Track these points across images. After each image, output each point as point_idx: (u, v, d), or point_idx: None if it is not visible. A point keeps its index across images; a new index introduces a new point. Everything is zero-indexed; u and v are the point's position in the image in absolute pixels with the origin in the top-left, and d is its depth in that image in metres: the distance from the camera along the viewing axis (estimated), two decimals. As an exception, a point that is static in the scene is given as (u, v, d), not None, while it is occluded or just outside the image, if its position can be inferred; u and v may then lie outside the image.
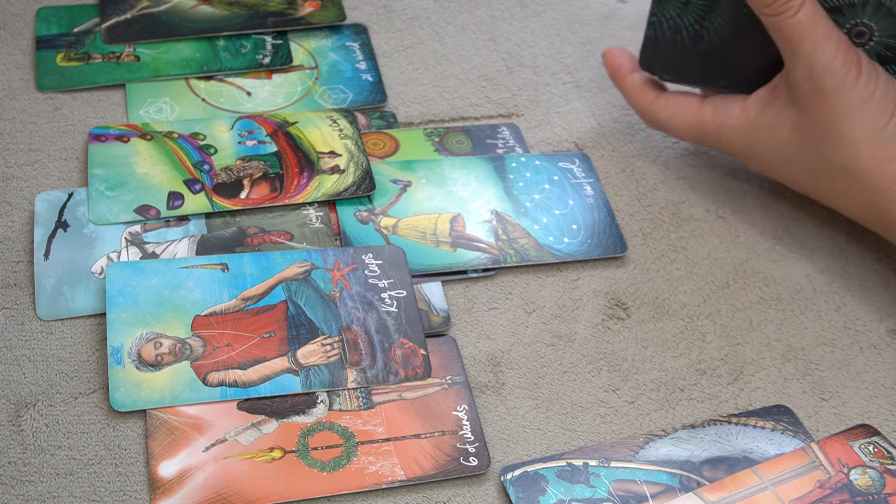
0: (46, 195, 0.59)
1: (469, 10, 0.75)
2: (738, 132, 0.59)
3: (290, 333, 0.54)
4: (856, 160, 0.54)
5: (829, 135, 0.54)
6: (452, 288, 0.58)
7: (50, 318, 0.54)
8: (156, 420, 0.50)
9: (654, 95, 0.62)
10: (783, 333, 0.58)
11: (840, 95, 0.53)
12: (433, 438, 0.51)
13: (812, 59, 0.54)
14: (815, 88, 0.54)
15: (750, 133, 0.58)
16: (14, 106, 0.64)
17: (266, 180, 0.60)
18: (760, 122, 0.58)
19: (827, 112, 0.54)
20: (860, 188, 0.55)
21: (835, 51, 0.53)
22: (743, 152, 0.60)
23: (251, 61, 0.68)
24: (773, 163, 0.58)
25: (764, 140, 0.58)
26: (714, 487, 0.49)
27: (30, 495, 0.48)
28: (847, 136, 0.54)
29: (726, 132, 0.59)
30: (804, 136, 0.56)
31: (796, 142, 0.56)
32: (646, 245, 0.62)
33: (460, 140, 0.66)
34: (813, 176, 0.57)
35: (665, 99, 0.62)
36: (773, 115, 0.57)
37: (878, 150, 0.53)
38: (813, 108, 0.55)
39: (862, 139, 0.54)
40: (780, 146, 0.57)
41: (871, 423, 0.54)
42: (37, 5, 0.70)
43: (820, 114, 0.54)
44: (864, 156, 0.54)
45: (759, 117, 0.58)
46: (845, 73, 0.53)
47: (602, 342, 0.57)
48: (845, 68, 0.53)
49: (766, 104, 0.57)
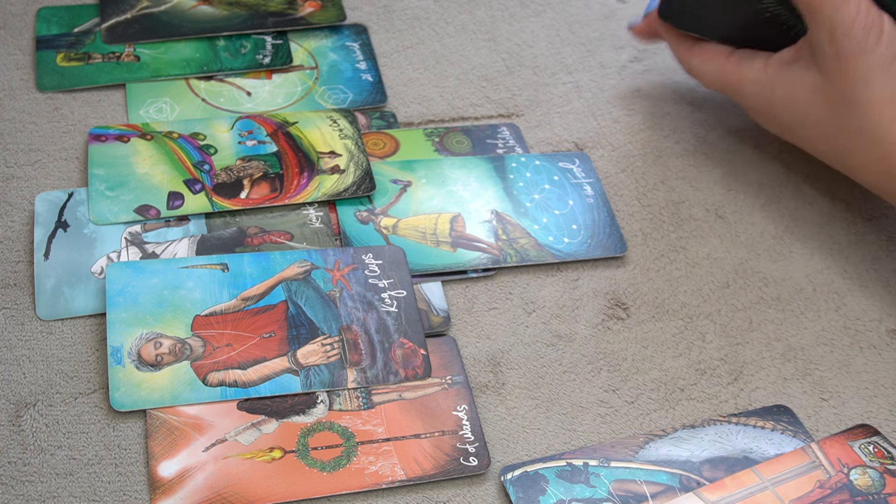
0: (46, 195, 0.59)
1: (469, 10, 0.75)
2: (758, 87, 0.59)
3: (290, 333, 0.54)
4: (877, 124, 0.53)
5: (850, 97, 0.54)
6: (452, 288, 0.58)
7: (50, 318, 0.54)
8: (156, 420, 0.50)
9: (692, 42, 0.63)
10: (783, 333, 0.58)
11: (861, 58, 0.53)
12: (433, 438, 0.51)
13: (832, 23, 0.53)
14: (835, 51, 0.54)
15: (768, 90, 0.58)
16: (14, 106, 0.64)
17: (266, 180, 0.60)
18: (780, 80, 0.57)
19: (848, 75, 0.53)
20: (880, 153, 0.54)
21: (855, 13, 0.53)
22: (760, 108, 0.60)
23: (251, 61, 0.68)
24: (790, 123, 0.58)
25: (782, 99, 0.57)
26: (714, 487, 0.49)
27: (30, 495, 0.48)
28: (868, 99, 0.53)
29: (746, 86, 0.59)
30: (824, 98, 0.55)
31: (816, 103, 0.56)
32: (646, 245, 0.62)
33: (460, 140, 0.66)
34: (831, 138, 0.56)
35: (700, 46, 0.63)
36: (794, 75, 0.57)
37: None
38: (834, 71, 0.54)
39: (884, 102, 0.53)
40: (799, 106, 0.57)
41: (871, 423, 0.54)
42: (37, 5, 0.70)
43: (841, 77, 0.54)
44: (885, 119, 0.53)
45: (779, 75, 0.58)
46: (865, 35, 0.53)
47: (602, 342, 0.57)
48: (865, 31, 0.53)
49: (788, 64, 0.57)
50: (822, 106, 0.56)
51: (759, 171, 0.66)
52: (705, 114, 0.69)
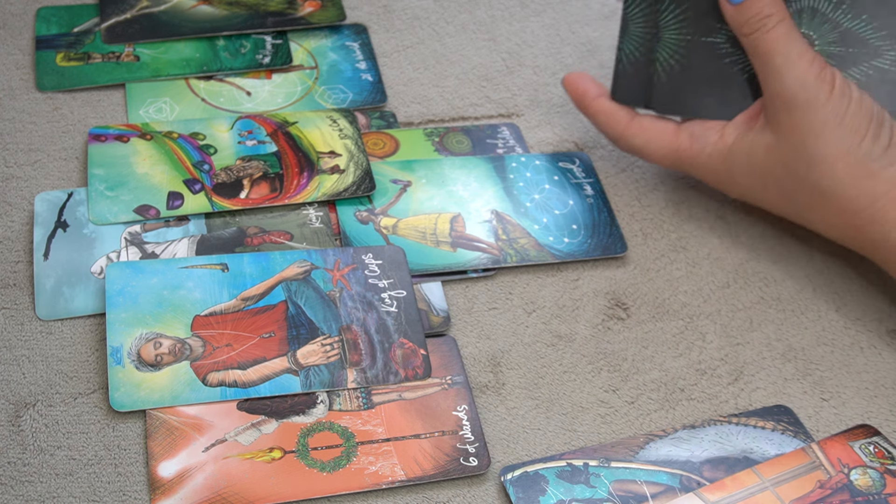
0: (46, 195, 0.59)
1: (469, 10, 0.75)
2: (716, 159, 0.58)
3: (289, 333, 0.53)
4: (831, 179, 0.54)
5: (803, 153, 0.54)
6: (452, 288, 0.58)
7: (50, 318, 0.54)
8: (156, 420, 0.50)
9: (626, 120, 0.60)
10: (783, 333, 0.58)
11: (813, 111, 0.53)
12: (433, 438, 0.51)
13: (784, 74, 0.54)
14: (787, 104, 0.54)
15: (727, 159, 0.58)
16: (14, 106, 0.64)
17: (266, 180, 0.60)
18: (737, 147, 0.57)
19: (800, 129, 0.54)
20: (837, 208, 0.54)
21: (808, 66, 0.53)
22: (720, 179, 0.59)
23: (251, 61, 0.68)
24: (751, 187, 0.58)
25: (740, 165, 0.57)
26: (714, 487, 0.49)
27: (30, 495, 0.48)
28: (821, 154, 0.53)
29: (704, 160, 0.59)
30: (779, 157, 0.55)
31: (772, 163, 0.56)
32: (646, 245, 0.62)
33: (460, 140, 0.66)
34: (790, 198, 0.56)
35: (639, 123, 0.60)
36: (750, 139, 0.56)
37: (854, 168, 0.53)
38: (786, 126, 0.54)
39: (837, 157, 0.53)
40: (757, 170, 0.57)
41: (871, 423, 0.54)
42: (37, 5, 0.70)
43: (793, 132, 0.54)
44: (839, 174, 0.53)
45: (736, 143, 0.57)
46: (818, 88, 0.53)
47: (602, 342, 0.57)
48: (818, 83, 0.53)
49: (745, 130, 0.57)
50: (778, 166, 0.55)
51: (759, 171, 0.66)
52: (705, 114, 0.69)
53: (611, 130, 0.61)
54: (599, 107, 0.61)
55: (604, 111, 0.61)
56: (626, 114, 0.61)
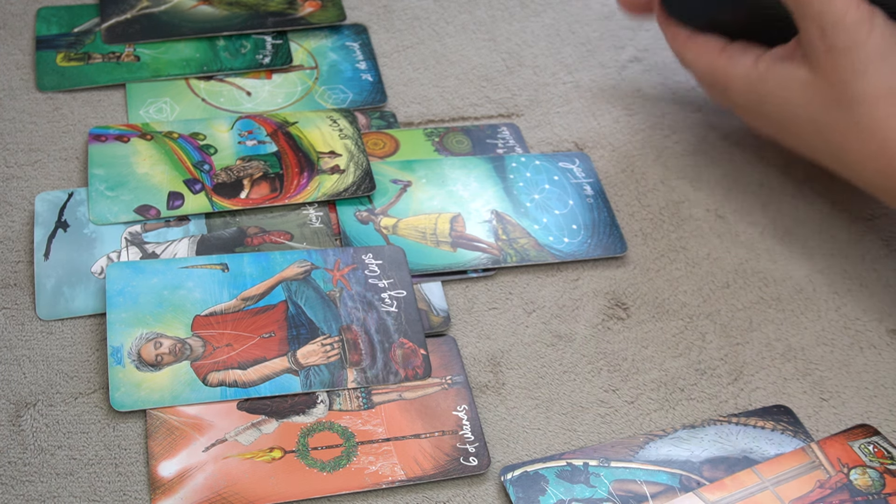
0: (46, 195, 0.59)
1: (469, 10, 0.75)
2: (747, 83, 0.57)
3: (290, 333, 0.54)
4: (872, 118, 0.52)
5: (844, 93, 0.53)
6: (452, 288, 0.58)
7: (50, 318, 0.54)
8: (156, 420, 0.50)
9: (686, 35, 0.61)
10: (783, 333, 0.58)
11: (854, 52, 0.52)
12: (433, 438, 0.51)
13: (822, 17, 0.52)
14: (827, 46, 0.53)
15: (758, 86, 0.57)
16: (14, 106, 0.64)
17: (266, 180, 0.60)
18: (771, 76, 0.56)
19: (841, 70, 0.53)
20: (876, 148, 0.53)
21: (845, 6, 0.52)
22: (750, 107, 0.58)
23: (251, 61, 0.68)
24: (782, 121, 0.57)
25: (773, 96, 0.56)
26: (714, 487, 0.49)
27: (30, 495, 0.48)
28: (863, 94, 0.52)
29: (735, 81, 0.58)
30: (817, 95, 0.54)
31: (808, 100, 0.55)
32: (646, 245, 0.62)
33: (460, 140, 0.66)
34: (825, 136, 0.55)
35: (694, 39, 0.61)
36: (786, 72, 0.56)
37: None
38: (826, 67, 0.53)
39: (879, 96, 0.52)
40: (791, 104, 0.56)
41: (871, 423, 0.54)
42: (37, 5, 0.70)
43: (834, 72, 0.53)
44: (881, 114, 0.52)
45: (769, 71, 0.56)
46: (857, 28, 0.52)
47: (602, 342, 0.57)
48: (857, 24, 0.52)
49: (780, 60, 0.56)
50: (815, 103, 0.55)
51: (759, 171, 0.66)
52: (705, 114, 0.69)
53: (672, 44, 0.63)
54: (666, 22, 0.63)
55: (669, 27, 0.63)
56: (687, 31, 0.62)
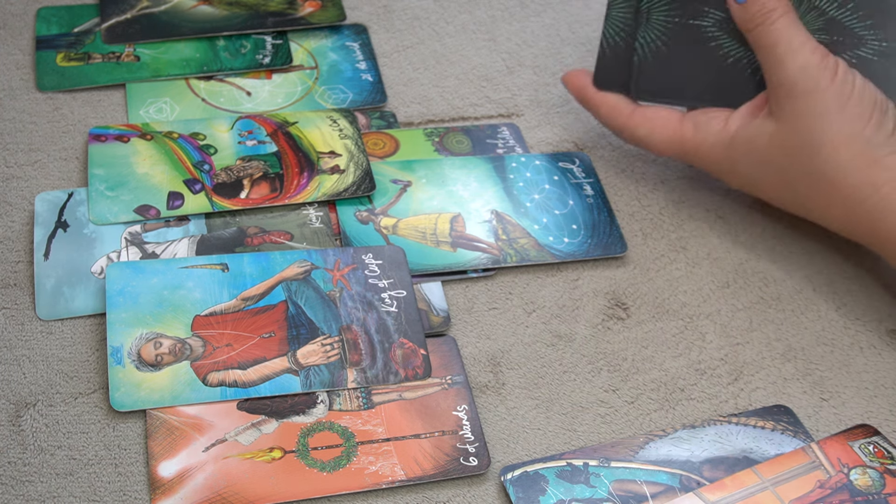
0: (46, 195, 0.59)
1: (469, 10, 0.75)
2: (719, 148, 0.58)
3: (290, 333, 0.54)
4: (835, 166, 0.53)
5: (807, 140, 0.54)
6: (452, 288, 0.58)
7: (50, 318, 0.54)
8: (156, 420, 0.50)
9: (629, 111, 0.61)
10: (783, 333, 0.58)
11: (816, 97, 0.53)
12: (433, 438, 0.51)
13: (787, 62, 0.54)
14: (790, 92, 0.54)
15: (730, 148, 0.58)
16: (14, 106, 0.64)
17: (266, 180, 0.60)
18: (741, 136, 0.57)
19: (804, 115, 0.54)
20: (840, 197, 0.54)
21: (811, 54, 0.54)
22: (723, 169, 0.59)
23: (251, 61, 0.68)
24: (753, 177, 0.58)
25: (743, 154, 0.57)
26: (714, 487, 0.49)
27: (30, 495, 0.48)
28: (824, 140, 0.53)
29: (707, 149, 0.58)
30: (782, 145, 0.55)
31: (774, 151, 0.56)
32: (646, 245, 0.62)
33: (460, 140, 0.66)
34: (792, 187, 0.56)
35: (642, 113, 0.60)
36: (754, 128, 0.56)
37: (857, 156, 0.53)
38: (789, 114, 0.54)
39: (840, 143, 0.53)
40: (759, 159, 0.57)
41: (871, 423, 0.54)
42: (37, 5, 0.70)
43: (797, 118, 0.54)
44: (842, 161, 0.53)
45: (739, 131, 0.57)
46: (820, 74, 0.53)
47: (602, 342, 0.57)
48: (819, 70, 0.53)
49: (748, 119, 0.57)
50: (782, 154, 0.55)
51: (759, 171, 0.66)
52: (705, 114, 0.69)
53: (614, 122, 0.61)
54: (601, 100, 0.61)
55: (605, 103, 0.61)
56: (628, 104, 0.61)
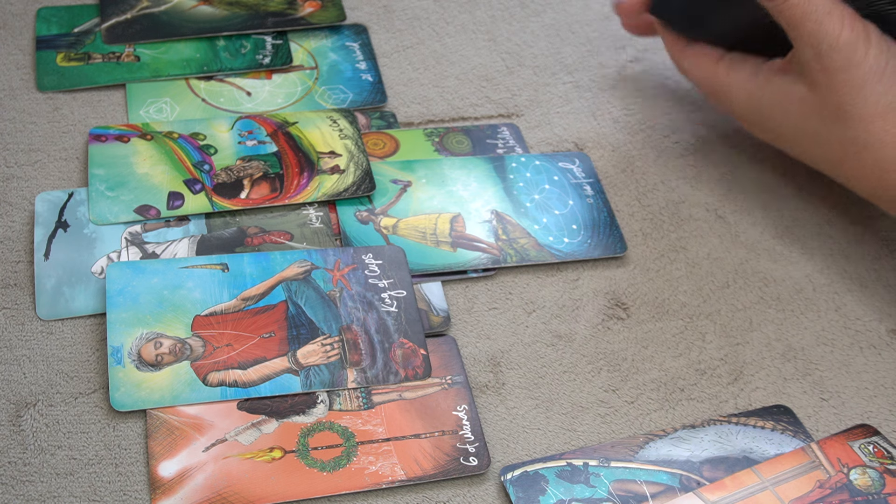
0: (46, 195, 0.59)
1: (469, 10, 0.75)
2: (745, 94, 0.58)
3: (290, 333, 0.54)
4: (870, 134, 0.53)
5: (841, 112, 0.53)
6: (452, 288, 0.58)
7: (50, 318, 0.54)
8: (156, 420, 0.50)
9: (684, 43, 0.62)
10: (783, 333, 0.58)
11: (850, 71, 0.52)
12: (433, 438, 0.51)
13: (816, 39, 0.53)
14: (822, 67, 0.53)
15: (757, 97, 0.57)
16: (14, 106, 0.64)
17: (266, 180, 0.60)
18: (769, 89, 0.57)
19: (837, 90, 0.53)
20: (873, 162, 0.54)
21: (839, 27, 0.52)
22: (749, 116, 0.59)
23: (251, 61, 0.68)
24: (782, 131, 0.58)
25: (771, 107, 0.57)
26: (714, 487, 0.49)
27: (30, 495, 0.48)
28: (859, 113, 0.53)
29: (735, 92, 0.59)
30: (815, 111, 0.55)
31: (806, 114, 0.55)
32: (646, 245, 0.62)
33: (460, 140, 0.66)
34: (824, 148, 0.56)
35: (692, 47, 0.62)
36: (784, 86, 0.56)
37: (893, 125, 0.52)
38: (822, 86, 0.54)
39: (875, 114, 0.52)
40: (790, 117, 0.56)
41: (871, 423, 0.54)
42: (37, 5, 0.70)
43: (830, 92, 0.53)
44: (877, 131, 0.53)
45: (768, 84, 0.57)
46: (853, 48, 0.52)
47: (602, 342, 0.57)
48: (851, 43, 0.52)
49: (777, 73, 0.57)
50: (813, 117, 0.55)
51: (759, 171, 0.66)
52: (705, 114, 0.69)
53: (671, 50, 0.63)
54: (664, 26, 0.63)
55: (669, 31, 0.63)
56: (684, 39, 0.62)
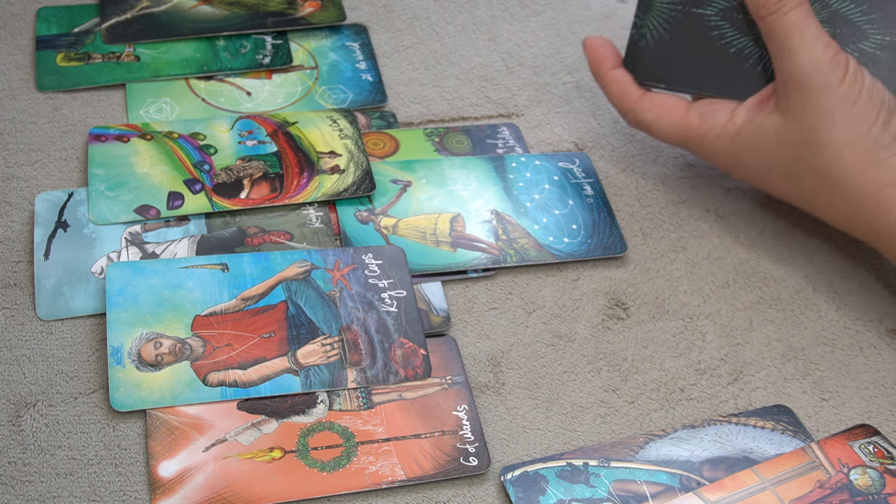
0: (46, 195, 0.59)
1: (469, 10, 0.75)
2: (724, 141, 0.58)
3: (290, 333, 0.54)
4: (839, 164, 0.53)
5: (813, 137, 0.54)
6: (452, 288, 0.58)
7: (50, 318, 0.54)
8: (156, 420, 0.50)
9: (639, 94, 0.60)
10: (783, 333, 0.58)
11: (824, 94, 0.53)
12: (433, 438, 0.51)
13: (799, 56, 0.54)
14: (800, 87, 0.54)
15: (735, 141, 0.58)
16: (14, 106, 0.64)
17: (266, 180, 0.61)
18: (746, 129, 0.57)
19: (811, 112, 0.54)
20: (844, 194, 0.54)
21: (823, 50, 0.53)
22: (726, 161, 0.59)
23: (251, 61, 0.68)
24: (757, 170, 0.58)
25: (748, 147, 0.57)
26: (714, 487, 0.49)
27: (30, 495, 0.48)
28: (830, 139, 0.53)
29: (711, 140, 0.58)
30: (788, 140, 0.55)
31: (780, 146, 0.56)
32: (646, 245, 0.62)
33: (460, 140, 0.66)
34: (796, 182, 0.56)
35: (650, 99, 0.60)
36: (760, 121, 0.56)
37: (862, 155, 0.53)
38: (797, 109, 0.54)
39: (846, 142, 0.53)
40: (764, 153, 0.57)
41: (871, 423, 0.54)
42: (37, 5, 0.70)
43: (804, 115, 0.54)
44: (847, 160, 0.53)
45: (745, 124, 0.57)
46: (831, 71, 0.53)
47: (602, 342, 0.57)
48: (831, 67, 0.53)
49: (755, 112, 0.57)
50: (786, 149, 0.55)
51: (759, 171, 0.66)
52: (705, 114, 0.69)
53: (622, 103, 0.61)
54: (614, 77, 0.61)
55: (617, 82, 0.61)
56: (637, 88, 0.61)
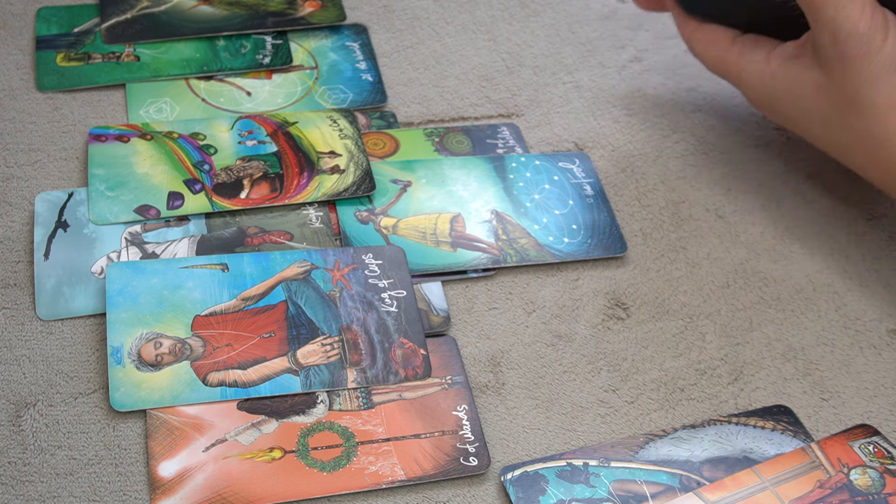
0: (46, 195, 0.59)
1: (469, 10, 0.75)
2: (758, 79, 0.58)
3: (290, 333, 0.54)
4: (882, 126, 0.52)
5: (855, 101, 0.53)
6: (452, 288, 0.58)
7: (50, 318, 0.54)
8: (156, 420, 0.50)
9: (696, 24, 0.62)
10: (783, 333, 0.58)
11: (866, 60, 0.52)
12: (433, 438, 0.51)
13: (835, 25, 0.52)
14: (839, 53, 0.52)
15: (770, 83, 0.57)
16: (14, 106, 0.64)
17: (266, 180, 0.60)
18: (782, 74, 0.56)
19: (852, 78, 0.52)
20: (885, 154, 0.53)
21: (859, 14, 0.51)
22: (761, 101, 0.59)
23: (251, 61, 0.68)
24: (794, 116, 0.57)
25: (785, 92, 0.56)
26: (714, 487, 0.49)
27: (30, 495, 0.48)
28: (873, 103, 0.52)
29: (747, 76, 0.58)
30: (828, 98, 0.54)
31: (820, 101, 0.55)
32: (646, 245, 0.62)
33: (460, 140, 0.66)
34: (835, 135, 0.55)
35: (703, 30, 0.61)
36: (797, 71, 0.56)
37: None
38: (838, 74, 0.53)
39: (890, 105, 0.52)
40: (802, 102, 0.56)
41: (871, 423, 0.54)
42: (37, 5, 0.70)
43: (845, 79, 0.53)
44: (890, 123, 0.52)
45: (780, 70, 0.56)
46: (871, 36, 0.51)
47: (602, 342, 0.57)
48: (870, 31, 0.51)
49: (791, 59, 0.56)
50: (826, 104, 0.55)
51: (759, 171, 0.66)
52: (705, 114, 0.69)
53: (682, 31, 0.63)
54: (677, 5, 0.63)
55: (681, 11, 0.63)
56: (696, 20, 0.62)
